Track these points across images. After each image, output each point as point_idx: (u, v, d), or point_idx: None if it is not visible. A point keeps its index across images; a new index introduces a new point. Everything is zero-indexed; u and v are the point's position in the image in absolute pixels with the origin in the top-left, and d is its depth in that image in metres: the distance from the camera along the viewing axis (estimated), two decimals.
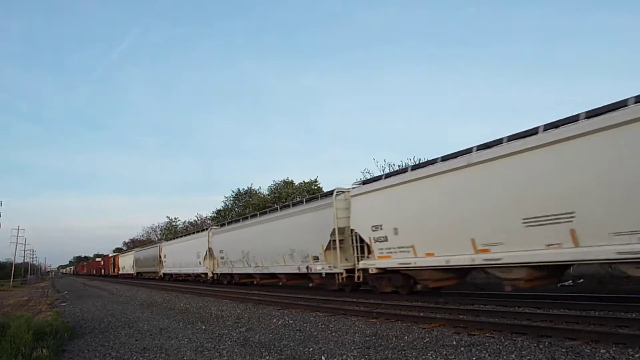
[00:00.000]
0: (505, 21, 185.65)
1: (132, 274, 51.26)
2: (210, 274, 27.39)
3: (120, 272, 58.53)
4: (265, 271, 20.62)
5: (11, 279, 59.70)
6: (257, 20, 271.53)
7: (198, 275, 30.16)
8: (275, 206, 23.83)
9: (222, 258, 25.45)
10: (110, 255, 74.49)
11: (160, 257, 39.67)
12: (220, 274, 26.22)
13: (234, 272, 24.17)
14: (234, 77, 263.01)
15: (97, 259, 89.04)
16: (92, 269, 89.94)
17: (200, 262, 28.69)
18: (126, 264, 55.15)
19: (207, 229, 29.40)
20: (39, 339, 9.20)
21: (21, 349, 8.24)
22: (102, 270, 73.40)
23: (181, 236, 37.83)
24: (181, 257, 32.94)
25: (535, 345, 6.55)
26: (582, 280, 10.41)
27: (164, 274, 38.74)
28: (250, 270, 22.12)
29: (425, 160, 13.77)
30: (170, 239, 41.63)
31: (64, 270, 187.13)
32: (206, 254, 27.60)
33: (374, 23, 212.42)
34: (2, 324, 10.45)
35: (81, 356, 8.51)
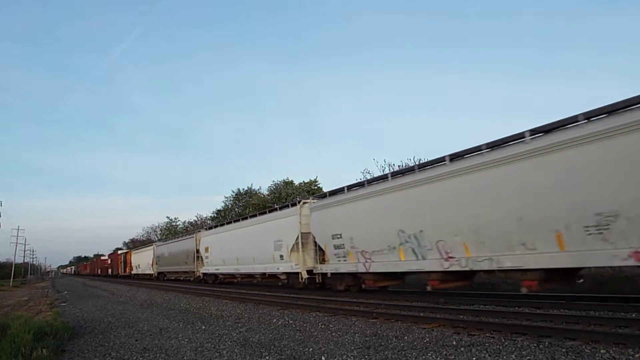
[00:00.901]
0: (505, 22, 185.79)
1: (151, 275, 42.06)
2: (304, 274, 17.83)
3: (133, 272, 49.89)
4: (488, 266, 10.57)
5: (11, 279, 59.72)
6: (258, 21, 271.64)
7: (274, 276, 20.43)
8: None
9: (338, 247, 15.72)
10: (119, 252, 65.60)
11: (198, 251, 29.51)
12: (334, 273, 16.29)
13: (370, 269, 14.29)
14: (234, 78, 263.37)
15: (103, 257, 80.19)
16: (96, 269, 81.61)
17: (282, 256, 19.10)
18: (142, 262, 46.09)
19: (296, 203, 19.19)
20: (39, 339, 9.19)
21: (21, 349, 8.24)
22: (110, 270, 65.71)
23: (236, 221, 25.70)
24: (241, 250, 22.93)
25: (535, 345, 6.55)
26: (581, 280, 10.32)
27: (205, 275, 28.57)
28: (427, 266, 12.22)
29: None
30: (215, 226, 29.41)
31: (65, 270, 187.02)
32: (296, 242, 18.18)
33: (375, 25, 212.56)
34: (2, 324, 10.45)
35: (81, 356, 8.50)
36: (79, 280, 72.01)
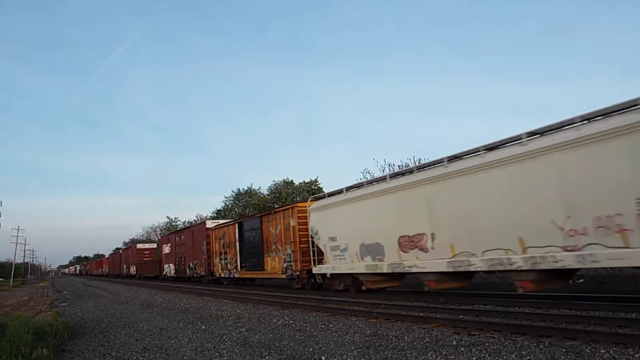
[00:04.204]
0: (504, 21, 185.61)
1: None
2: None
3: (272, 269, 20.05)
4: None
5: (11, 279, 59.74)
6: (259, 23, 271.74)
7: None
8: None
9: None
10: (193, 224, 35.73)
11: None
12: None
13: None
14: (234, 79, 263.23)
15: (145, 246, 49.12)
16: (123, 266, 53.48)
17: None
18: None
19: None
20: (39, 339, 9.19)
21: (21, 349, 8.24)
22: (169, 268, 35.65)
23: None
24: None
25: (535, 345, 6.55)
26: (581, 280, 10.38)
27: None
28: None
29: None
30: None
31: (67, 270, 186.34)
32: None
33: (375, 27, 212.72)
34: (2, 324, 10.46)
35: (81, 356, 8.50)
36: (79, 280, 71.97)
